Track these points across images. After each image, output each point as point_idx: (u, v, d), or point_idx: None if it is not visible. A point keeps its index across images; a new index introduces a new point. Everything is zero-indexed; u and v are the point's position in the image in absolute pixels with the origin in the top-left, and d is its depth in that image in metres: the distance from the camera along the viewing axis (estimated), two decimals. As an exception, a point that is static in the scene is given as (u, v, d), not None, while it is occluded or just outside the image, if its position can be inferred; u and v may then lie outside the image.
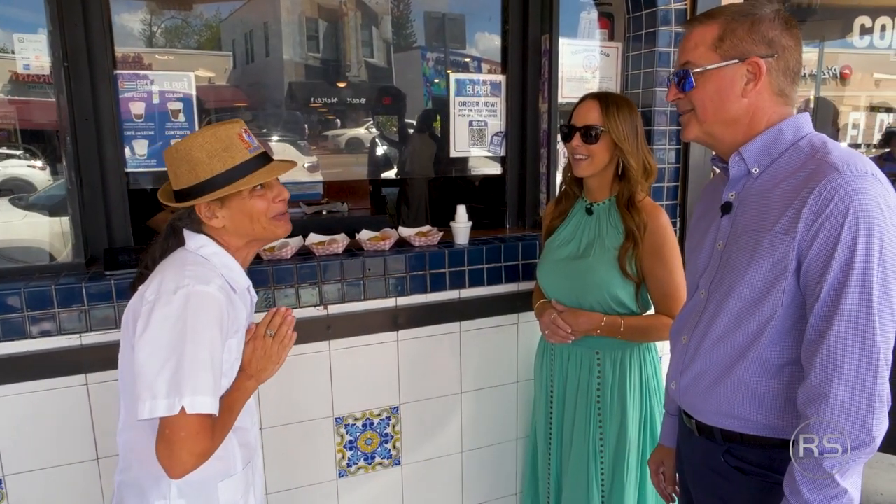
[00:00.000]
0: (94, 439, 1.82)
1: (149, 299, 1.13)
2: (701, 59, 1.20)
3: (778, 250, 1.12)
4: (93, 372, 1.78)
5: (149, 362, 1.09)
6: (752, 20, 1.16)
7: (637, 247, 1.73)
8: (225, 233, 1.27)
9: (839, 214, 1.05)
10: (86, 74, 1.89)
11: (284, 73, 2.98)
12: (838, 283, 1.05)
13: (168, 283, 1.14)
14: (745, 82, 1.17)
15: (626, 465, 1.81)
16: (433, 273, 2.12)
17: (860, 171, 1.07)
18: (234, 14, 2.99)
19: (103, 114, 1.93)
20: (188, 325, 1.10)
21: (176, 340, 1.09)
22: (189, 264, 1.19)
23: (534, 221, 2.51)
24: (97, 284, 1.77)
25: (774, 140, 1.19)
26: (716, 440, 1.28)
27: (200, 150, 1.19)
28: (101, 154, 1.94)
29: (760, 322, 1.17)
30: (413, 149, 3.29)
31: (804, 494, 1.08)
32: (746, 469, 1.24)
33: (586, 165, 1.76)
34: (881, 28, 5.15)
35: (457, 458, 2.28)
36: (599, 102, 1.74)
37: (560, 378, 1.91)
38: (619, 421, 1.81)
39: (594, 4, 2.46)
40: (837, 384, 1.05)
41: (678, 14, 2.28)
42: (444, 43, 3.02)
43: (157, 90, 2.02)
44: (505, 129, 2.48)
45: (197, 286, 1.13)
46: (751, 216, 1.19)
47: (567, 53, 2.38)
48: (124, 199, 2.00)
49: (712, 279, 1.27)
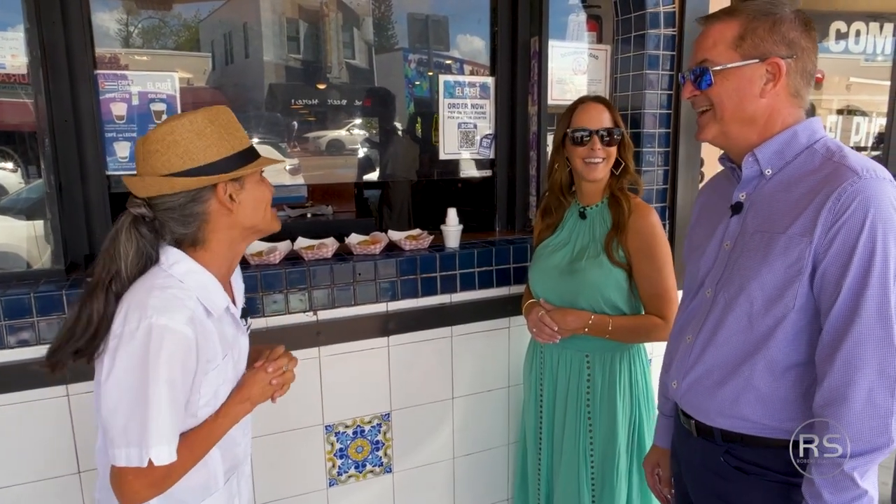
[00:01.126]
0: (76, 452, 1.75)
1: (115, 333, 1.05)
2: (720, 57, 1.19)
3: (794, 252, 1.12)
4: (74, 383, 1.72)
5: (118, 407, 1.03)
6: (774, 20, 1.16)
7: (621, 234, 1.74)
8: (227, 226, 1.15)
9: (858, 219, 1.05)
10: (65, 74, 1.82)
11: (265, 74, 2.94)
12: (857, 287, 1.06)
13: (132, 315, 1.04)
14: (765, 82, 1.17)
15: (616, 468, 1.81)
16: (424, 277, 2.09)
17: (879, 177, 1.07)
18: (212, 14, 2.93)
19: (83, 115, 1.87)
20: (150, 368, 1.02)
21: (139, 385, 1.02)
22: (156, 289, 1.07)
23: (523, 224, 2.49)
24: (79, 292, 1.71)
25: (789, 142, 1.19)
26: (715, 441, 1.28)
27: (212, 125, 1.11)
28: (81, 156, 1.88)
29: (772, 323, 1.17)
30: (395, 151, 3.26)
31: (826, 498, 1.08)
32: (747, 469, 1.24)
33: (602, 168, 1.77)
34: (856, 33, 5.26)
35: (448, 464, 2.25)
36: (606, 106, 1.79)
37: (550, 381, 1.90)
38: (608, 425, 1.81)
39: (583, 7, 2.46)
40: (857, 387, 1.06)
41: (666, 17, 2.29)
42: (427, 44, 3.00)
43: (138, 91, 1.96)
44: (494, 131, 2.46)
45: (160, 319, 1.03)
46: (763, 217, 1.19)
47: (556, 56, 2.38)
48: (105, 202, 1.93)
49: (719, 278, 1.27)
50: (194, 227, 1.13)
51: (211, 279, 1.15)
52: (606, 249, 1.74)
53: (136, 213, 1.10)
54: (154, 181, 1.09)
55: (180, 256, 1.13)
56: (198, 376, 1.11)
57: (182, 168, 1.09)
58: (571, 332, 1.77)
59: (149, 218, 1.11)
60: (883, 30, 5.29)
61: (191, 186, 1.09)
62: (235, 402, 1.21)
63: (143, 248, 1.10)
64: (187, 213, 1.11)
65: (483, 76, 2.49)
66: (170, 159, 1.08)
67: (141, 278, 1.11)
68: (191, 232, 1.13)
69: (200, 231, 1.14)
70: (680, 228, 2.37)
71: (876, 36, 5.32)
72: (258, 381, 1.25)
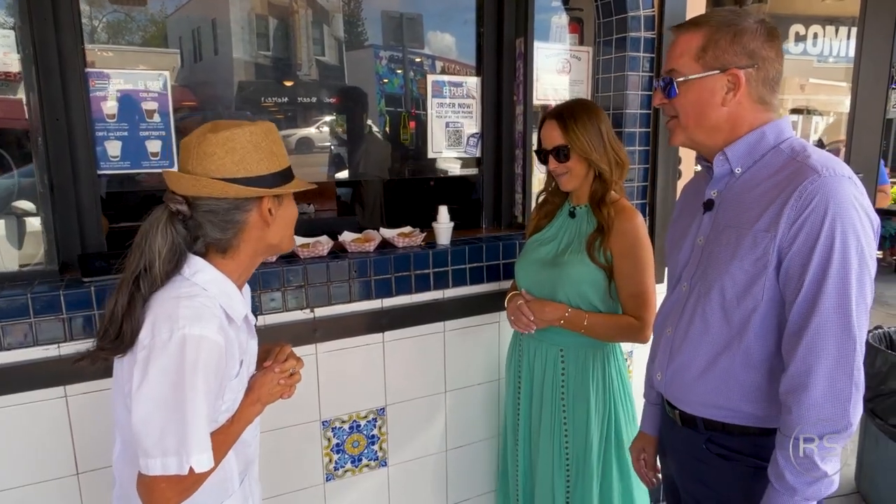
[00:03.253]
0: (74, 454, 1.74)
1: (144, 343, 1.05)
2: (684, 67, 1.24)
3: (759, 247, 1.18)
4: (72, 383, 1.71)
5: (152, 418, 1.03)
6: (735, 31, 1.21)
7: (605, 237, 1.78)
8: (258, 238, 1.17)
9: (818, 215, 1.11)
10: (56, 72, 1.80)
11: (234, 71, 2.91)
12: (817, 280, 1.11)
13: (162, 326, 1.04)
14: (725, 92, 1.22)
15: (589, 460, 1.86)
16: (418, 274, 2.13)
17: (838, 175, 1.13)
18: (180, 10, 2.89)
19: (74, 113, 1.85)
20: (187, 378, 1.03)
21: (176, 395, 1.03)
22: (184, 298, 1.07)
23: (509, 221, 2.55)
24: (76, 292, 1.70)
25: (758, 142, 1.25)
26: (698, 429, 1.34)
27: (266, 140, 1.13)
28: (72, 155, 1.85)
29: (744, 315, 1.22)
30: (367, 148, 3.26)
31: (788, 479, 1.15)
32: (728, 455, 1.30)
33: (569, 179, 1.82)
34: (813, 36, 5.47)
35: (441, 456, 2.30)
36: (558, 121, 1.80)
37: (527, 374, 1.96)
38: (582, 418, 1.86)
39: (565, 10, 2.52)
40: (818, 374, 1.12)
41: (646, 20, 2.37)
42: (401, 42, 3.02)
43: (129, 89, 1.94)
44: (480, 130, 2.51)
45: (194, 329, 1.04)
46: (733, 213, 1.25)
47: (540, 57, 2.44)
48: (97, 202, 1.91)
49: (693, 273, 1.33)
50: (230, 233, 1.14)
51: (233, 287, 1.17)
52: (588, 250, 1.79)
53: (174, 208, 1.09)
54: (208, 182, 1.08)
55: (203, 265, 1.13)
56: (223, 382, 1.13)
57: (235, 175, 1.10)
58: (547, 324, 1.82)
59: (186, 216, 1.10)
60: (839, 33, 5.52)
61: (242, 195, 1.10)
62: (247, 405, 1.23)
63: (177, 245, 1.10)
64: (228, 219, 1.12)
65: (464, 75, 2.53)
66: (225, 164, 1.09)
67: (163, 289, 1.10)
68: (226, 238, 1.14)
69: (235, 238, 1.15)
70: (659, 224, 2.46)
71: (832, 39, 5.55)
72: (267, 382, 1.27)
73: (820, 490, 1.15)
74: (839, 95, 5.87)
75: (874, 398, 2.74)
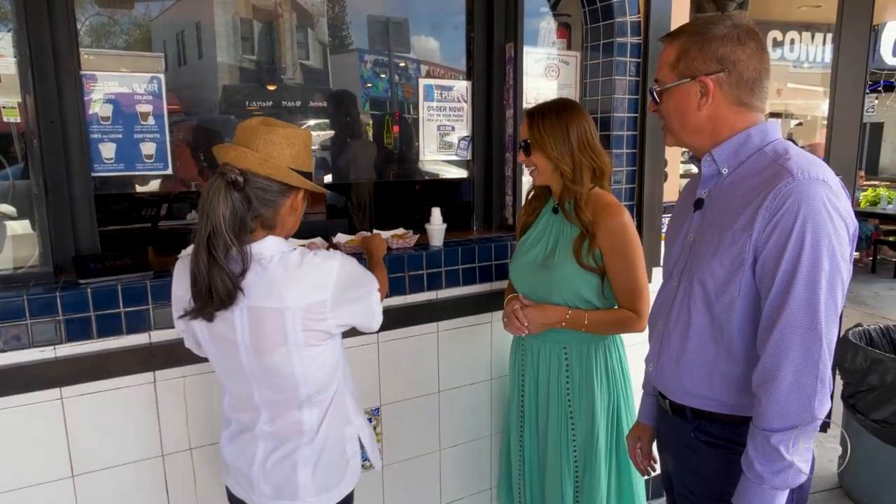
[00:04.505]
0: (70, 456, 1.74)
1: (318, 300, 1.31)
2: (663, 77, 1.33)
3: (737, 245, 1.23)
4: (68, 385, 1.71)
5: (361, 307, 1.42)
6: (704, 39, 1.26)
7: (591, 240, 1.81)
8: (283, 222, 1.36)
9: (791, 216, 1.16)
10: (51, 74, 1.80)
11: (218, 75, 2.91)
12: (788, 277, 1.16)
13: (325, 280, 1.32)
14: (699, 97, 1.28)
15: (597, 452, 1.90)
16: (412, 275, 2.15)
17: (812, 178, 1.17)
18: (164, 13, 2.89)
19: (69, 115, 1.85)
20: (359, 275, 1.41)
21: (360, 271, 1.41)
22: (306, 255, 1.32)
23: (500, 223, 2.59)
24: (72, 293, 1.70)
25: (743, 144, 1.30)
26: (687, 418, 1.39)
27: (310, 145, 1.36)
28: (67, 157, 1.86)
29: (724, 309, 1.28)
30: (353, 152, 3.27)
31: (756, 468, 1.20)
32: (714, 443, 1.35)
33: (536, 175, 1.89)
34: (790, 41, 5.62)
35: (435, 455, 2.32)
36: (528, 117, 1.86)
37: (531, 372, 1.99)
38: (588, 411, 1.90)
39: (553, 15, 2.57)
40: (784, 369, 1.17)
41: (633, 26, 2.43)
42: (386, 46, 3.04)
43: (124, 91, 1.95)
44: (471, 133, 2.55)
45: (334, 257, 1.35)
46: (717, 212, 1.30)
47: (529, 61, 2.48)
48: (91, 204, 1.91)
49: (683, 269, 1.38)
50: (271, 212, 1.31)
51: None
52: (576, 256, 1.82)
53: (231, 178, 1.23)
54: (277, 164, 1.28)
55: (277, 239, 1.33)
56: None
57: (290, 165, 1.30)
58: (544, 327, 1.86)
59: (240, 186, 1.25)
60: (815, 39, 5.67)
61: (297, 184, 1.31)
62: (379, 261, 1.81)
63: (237, 209, 1.24)
64: (271, 198, 1.30)
65: (455, 79, 2.57)
66: (284, 155, 1.30)
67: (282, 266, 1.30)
68: (269, 215, 1.32)
69: (273, 218, 1.33)
70: (647, 224, 2.52)
71: (808, 44, 5.69)
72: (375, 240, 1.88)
73: (787, 479, 1.20)
74: (815, 100, 6.03)
75: (855, 394, 2.81)
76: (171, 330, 1.81)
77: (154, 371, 1.81)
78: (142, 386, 1.80)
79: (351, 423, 1.50)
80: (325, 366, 1.40)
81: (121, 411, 1.79)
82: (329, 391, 1.44)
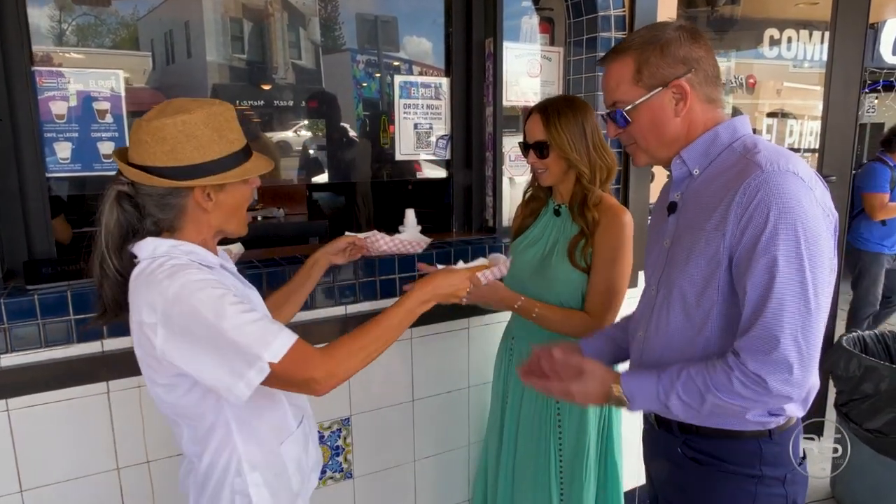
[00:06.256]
0: (17, 470, 1.65)
1: (148, 323, 1.08)
2: (626, 95, 1.24)
3: (712, 246, 1.17)
4: (14, 397, 1.63)
5: (208, 361, 1.06)
6: (661, 45, 1.21)
7: (588, 242, 1.75)
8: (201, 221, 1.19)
9: (762, 210, 1.10)
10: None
11: (208, 74, 2.85)
12: (765, 277, 1.09)
13: (156, 301, 1.08)
14: (675, 104, 1.22)
15: (586, 464, 1.83)
16: (383, 279, 2.07)
17: (781, 170, 1.12)
18: (152, 12, 2.83)
19: (20, 114, 1.76)
20: (203, 311, 1.05)
21: (208, 330, 1.05)
22: (155, 272, 1.10)
23: (480, 225, 2.50)
24: (18, 300, 1.62)
25: (712, 142, 1.24)
26: (673, 432, 1.33)
27: (206, 127, 1.14)
28: (18, 158, 1.77)
29: (703, 316, 1.22)
30: (344, 152, 3.20)
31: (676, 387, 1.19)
32: (701, 459, 1.29)
33: (547, 177, 1.79)
34: (787, 40, 5.51)
35: (409, 466, 2.23)
36: (541, 115, 1.75)
37: (517, 380, 1.90)
38: (577, 420, 1.83)
39: (535, 10, 2.48)
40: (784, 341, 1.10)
41: (617, 20, 2.34)
42: (376, 45, 2.98)
43: (80, 89, 1.87)
44: (449, 132, 2.46)
45: (176, 281, 1.07)
46: (691, 215, 1.25)
47: (510, 57, 2.39)
48: (45, 206, 1.83)
49: (660, 276, 1.32)
50: (171, 214, 1.17)
51: (194, 246, 1.19)
52: (570, 255, 1.75)
53: (118, 189, 1.15)
54: (135, 172, 1.13)
55: (157, 242, 1.16)
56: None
57: (165, 164, 1.12)
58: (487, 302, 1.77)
59: (131, 195, 1.15)
60: (812, 37, 5.57)
61: (165, 185, 1.13)
62: (418, 296, 1.28)
63: (124, 221, 1.16)
64: (165, 202, 1.16)
65: (435, 76, 2.48)
66: (155, 153, 1.12)
67: (135, 275, 1.14)
68: (168, 218, 1.18)
69: (177, 219, 1.18)
70: (635, 226, 2.42)
71: (806, 43, 5.59)
72: (452, 277, 1.33)
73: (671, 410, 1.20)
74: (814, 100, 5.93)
75: (848, 402, 2.72)
76: (126, 338, 1.73)
77: (108, 381, 1.73)
78: (94, 397, 1.72)
79: (241, 475, 1.21)
80: (184, 399, 1.17)
81: (72, 423, 1.71)
82: (204, 421, 1.19)
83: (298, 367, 1.07)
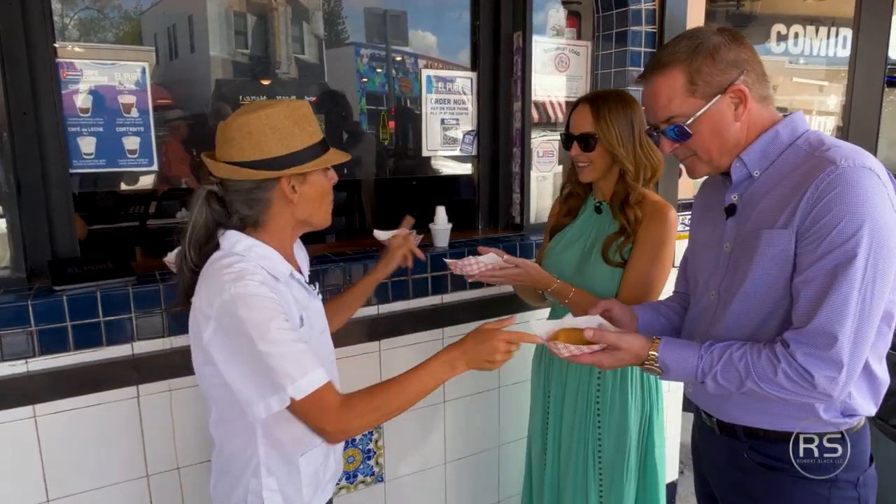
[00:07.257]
0: (45, 479, 1.59)
1: (206, 313, 1.12)
2: (683, 108, 1.19)
3: (780, 245, 1.14)
4: (41, 402, 1.56)
5: (241, 372, 1.10)
6: (709, 51, 1.17)
7: (626, 240, 1.69)
8: (287, 213, 1.22)
9: (834, 205, 1.06)
10: (23, 63, 1.65)
11: (211, 69, 2.80)
12: (830, 274, 1.07)
13: (213, 296, 1.11)
14: (735, 108, 1.19)
15: (626, 467, 1.78)
16: (415, 279, 2.02)
17: (857, 165, 1.08)
18: (155, 6, 2.77)
19: (44, 107, 1.70)
20: (248, 328, 1.07)
21: (249, 347, 1.08)
22: (224, 268, 1.14)
23: (507, 222, 2.45)
24: (45, 301, 1.55)
25: (772, 142, 1.21)
26: (738, 438, 1.29)
27: (287, 119, 1.17)
28: (41, 153, 1.71)
29: (766, 315, 1.18)
30: (350, 148, 3.15)
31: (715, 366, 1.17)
32: (771, 464, 1.25)
33: (589, 171, 1.72)
34: (794, 35, 5.50)
35: (440, 469, 2.19)
36: (591, 107, 1.69)
37: (559, 380, 1.86)
38: (618, 423, 1.78)
39: (562, 3, 2.44)
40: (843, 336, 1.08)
41: (647, 14, 2.30)
42: (384, 39, 2.93)
43: (105, 83, 1.80)
44: (476, 128, 2.41)
45: (237, 288, 1.09)
46: (755, 217, 1.21)
47: (538, 52, 2.34)
48: (69, 203, 1.76)
49: (722, 280, 1.28)
50: (257, 209, 1.21)
51: (271, 251, 1.22)
52: (604, 251, 1.70)
53: (208, 189, 1.20)
54: (225, 167, 1.17)
55: (239, 237, 1.20)
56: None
57: (252, 158, 1.15)
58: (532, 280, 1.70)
59: (220, 195, 1.20)
60: (819, 32, 5.56)
61: (255, 177, 1.16)
62: (445, 360, 1.22)
63: (210, 220, 1.20)
64: (252, 197, 1.19)
65: (455, 70, 2.43)
66: (243, 149, 1.15)
67: (210, 260, 1.18)
68: (254, 214, 1.21)
69: (263, 214, 1.21)
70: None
71: (812, 38, 5.58)
72: (488, 341, 1.19)
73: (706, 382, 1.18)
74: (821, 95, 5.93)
75: (876, 400, 2.70)
76: (157, 340, 1.68)
77: (137, 385, 1.67)
78: (124, 401, 1.66)
79: (258, 477, 1.22)
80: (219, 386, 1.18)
81: (101, 429, 1.64)
82: (233, 409, 1.18)
83: (314, 413, 1.11)
